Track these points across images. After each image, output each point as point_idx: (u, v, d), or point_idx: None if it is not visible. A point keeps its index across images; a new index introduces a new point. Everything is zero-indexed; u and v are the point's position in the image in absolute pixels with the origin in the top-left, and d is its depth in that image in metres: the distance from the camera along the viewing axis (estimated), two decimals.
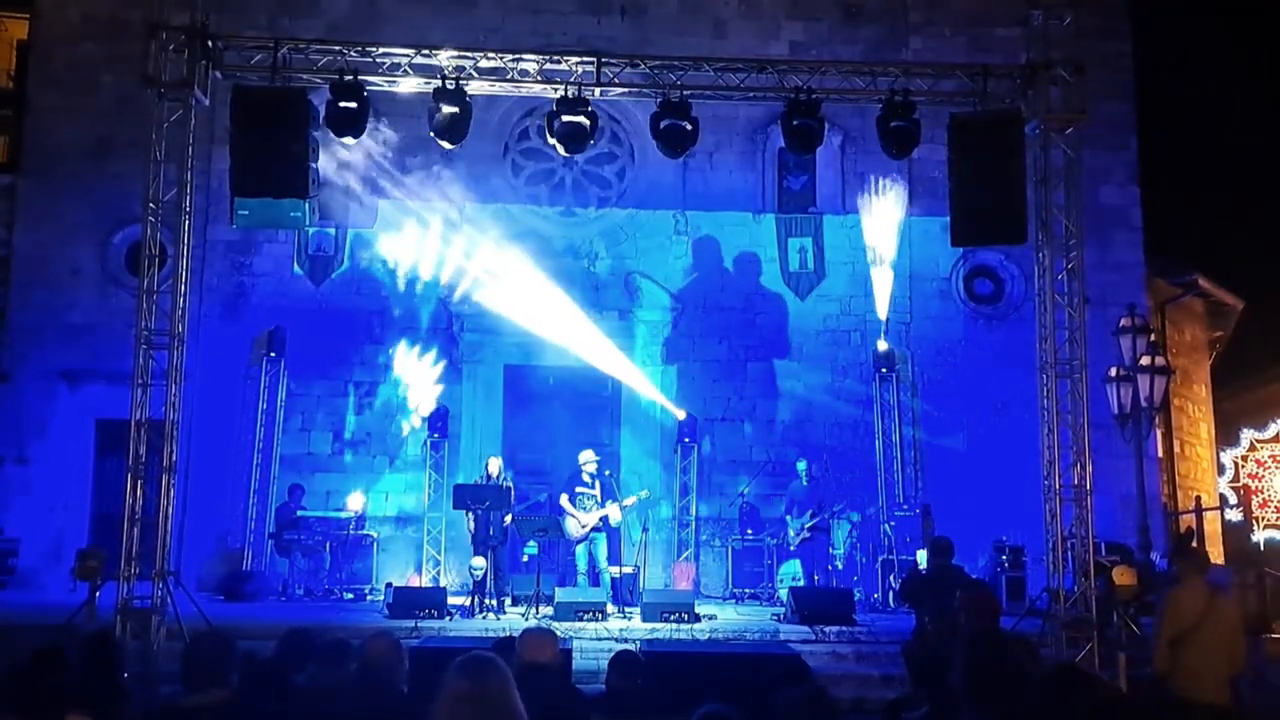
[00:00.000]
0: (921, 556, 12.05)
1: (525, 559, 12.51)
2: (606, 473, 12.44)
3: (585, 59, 10.63)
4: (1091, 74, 10.73)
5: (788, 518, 12.78)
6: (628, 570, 12.45)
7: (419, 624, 10.31)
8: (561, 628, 9.66)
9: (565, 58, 10.75)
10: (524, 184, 15.36)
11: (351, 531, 13.27)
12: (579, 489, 12.18)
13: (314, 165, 10.16)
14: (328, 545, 13.05)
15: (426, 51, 10.55)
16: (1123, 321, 13.44)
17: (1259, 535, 16.40)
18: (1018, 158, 10.03)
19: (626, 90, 11.00)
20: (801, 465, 12.95)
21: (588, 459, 12.34)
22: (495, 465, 12.42)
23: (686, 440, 14.35)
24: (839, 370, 14.94)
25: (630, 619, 11.18)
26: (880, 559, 13.18)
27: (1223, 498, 17.29)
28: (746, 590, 13.64)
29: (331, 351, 14.60)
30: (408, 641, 7.82)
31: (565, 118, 10.35)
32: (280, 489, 13.79)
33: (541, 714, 2.98)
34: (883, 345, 14.65)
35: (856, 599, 11.89)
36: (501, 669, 2.91)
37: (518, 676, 3.01)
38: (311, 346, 14.48)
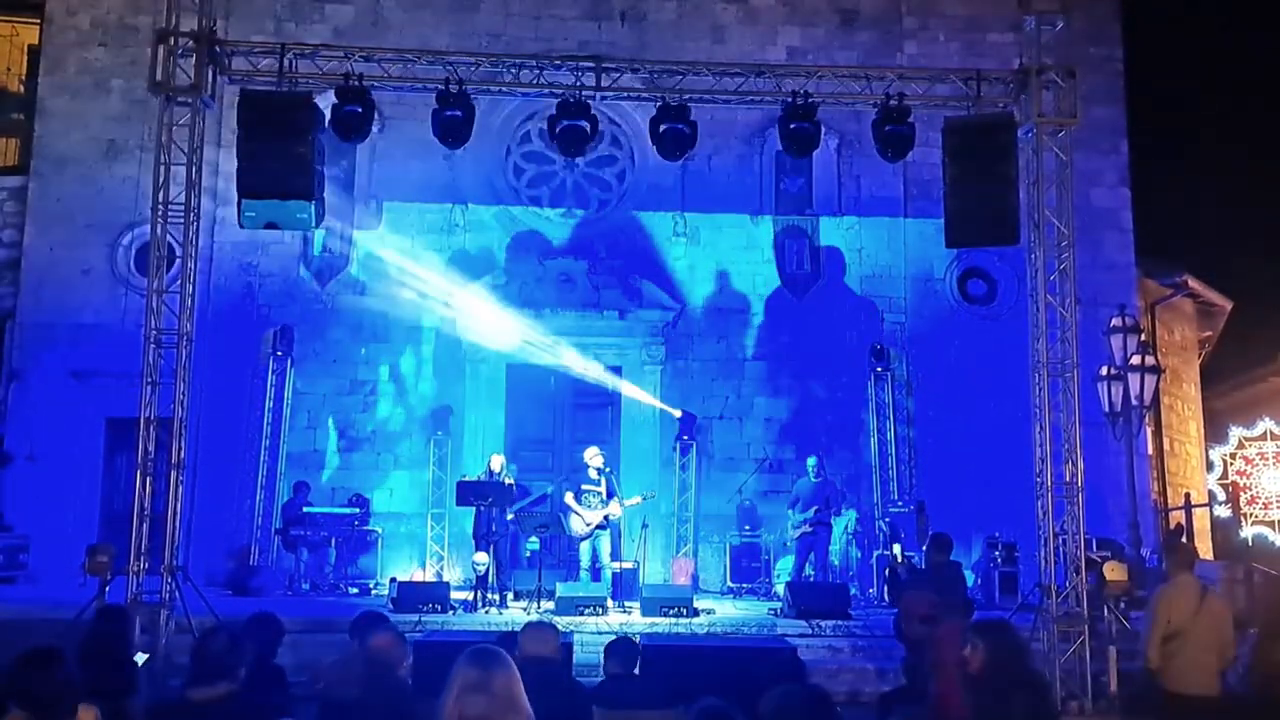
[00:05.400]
0: (897, 550, 12.30)
1: (528, 554, 12.68)
2: (607, 470, 12.57)
3: (585, 64, 10.77)
4: (1083, 78, 10.91)
5: (790, 512, 12.90)
6: (628, 566, 12.60)
7: (423, 618, 10.46)
8: (562, 622, 9.77)
9: (566, 62, 10.93)
10: (526, 186, 15.56)
11: (356, 527, 13.46)
12: (585, 486, 12.25)
13: (319, 168, 10.33)
14: (333, 541, 13.24)
15: (430, 56, 10.74)
16: (1114, 321, 13.58)
17: (1247, 531, 16.55)
18: (1010, 160, 10.16)
19: (626, 94, 11.19)
20: (811, 462, 12.97)
21: (593, 455, 12.42)
22: (498, 462, 12.60)
23: (685, 438, 14.55)
24: (835, 369, 15.12)
25: (630, 613, 11.34)
26: (875, 554, 13.36)
27: (1211, 494, 17.43)
28: (744, 585, 13.82)
29: (337, 350, 14.80)
30: (411, 635, 8.03)
31: (566, 121, 10.52)
32: (286, 486, 13.94)
33: (542, 706, 3.05)
34: (874, 346, 14.86)
35: (852, 594, 12.07)
36: (508, 661, 3.02)
37: (519, 669, 3.11)
38: (317, 346, 14.69)
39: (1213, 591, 6.94)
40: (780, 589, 12.46)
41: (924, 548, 11.43)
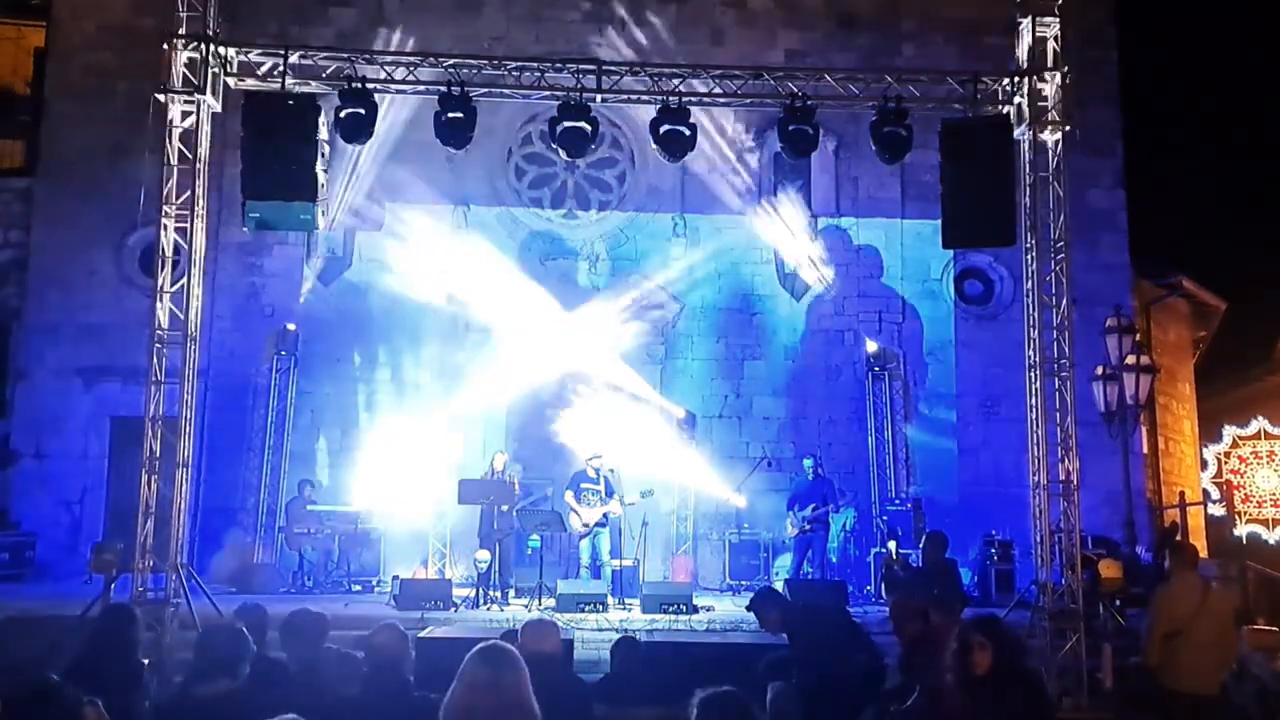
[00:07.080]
0: (894, 547, 12.39)
1: (529, 552, 12.76)
2: (608, 469, 12.73)
3: (586, 66, 10.84)
4: (1079, 80, 10.97)
5: (789, 511, 13.00)
6: (628, 563, 12.68)
7: (425, 615, 10.52)
8: (563, 619, 9.85)
9: (567, 65, 11.00)
10: (527, 188, 15.68)
11: (359, 525, 13.56)
12: (584, 484, 12.38)
13: (323, 170, 10.42)
14: (336, 538, 13.33)
15: (432, 59, 10.82)
16: (1109, 321, 13.68)
17: (1241, 530, 16.56)
18: (1007, 162, 10.24)
19: (627, 96, 11.27)
20: (808, 462, 13.13)
21: (594, 455, 12.58)
22: (501, 460, 12.72)
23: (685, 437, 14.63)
24: (833, 369, 15.23)
25: (630, 610, 11.43)
26: (873, 552, 13.46)
27: (1206, 493, 17.43)
28: (743, 582, 13.86)
29: (340, 350, 14.90)
30: (414, 632, 8.12)
31: (567, 123, 10.59)
32: (290, 484, 14.05)
33: (544, 702, 3.07)
34: (871, 346, 14.96)
35: (849, 591, 12.16)
36: (518, 660, 3.06)
37: None
38: (321, 345, 14.79)
39: (1215, 591, 6.98)
40: (779, 586, 12.53)
41: (921, 545, 11.52)
